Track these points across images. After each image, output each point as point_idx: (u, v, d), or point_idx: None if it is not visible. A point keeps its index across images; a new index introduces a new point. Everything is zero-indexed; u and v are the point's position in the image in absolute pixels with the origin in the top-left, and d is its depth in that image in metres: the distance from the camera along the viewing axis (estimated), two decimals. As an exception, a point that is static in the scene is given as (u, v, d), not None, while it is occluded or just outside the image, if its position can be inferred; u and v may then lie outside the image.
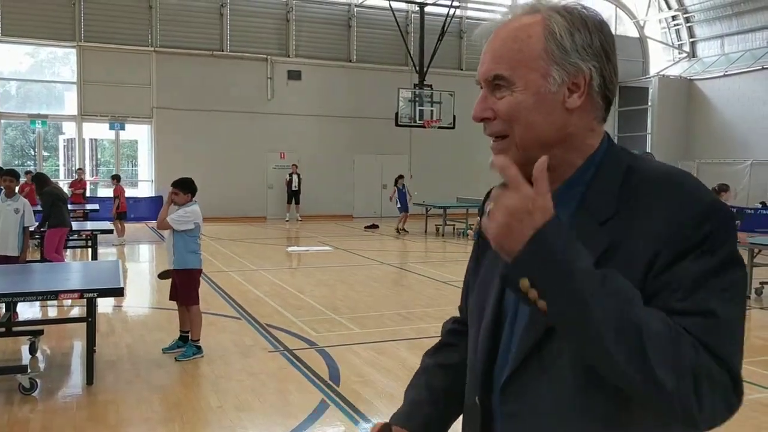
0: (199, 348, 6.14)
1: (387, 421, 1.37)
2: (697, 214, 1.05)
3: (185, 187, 6.18)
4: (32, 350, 6.02)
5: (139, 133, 21.93)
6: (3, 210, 7.34)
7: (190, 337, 6.18)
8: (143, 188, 21.99)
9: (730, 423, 1.04)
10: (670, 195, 1.08)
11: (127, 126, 20.85)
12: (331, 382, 5.48)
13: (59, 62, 21.48)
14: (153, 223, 19.52)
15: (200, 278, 6.38)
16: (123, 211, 15.78)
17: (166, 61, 20.67)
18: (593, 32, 1.14)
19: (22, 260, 7.45)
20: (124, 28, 20.28)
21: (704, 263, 1.03)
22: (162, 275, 6.67)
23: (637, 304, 0.99)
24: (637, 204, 1.10)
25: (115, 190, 15.95)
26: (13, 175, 7.62)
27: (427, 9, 20.81)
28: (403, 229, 17.89)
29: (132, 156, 24.29)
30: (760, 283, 9.67)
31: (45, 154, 21.81)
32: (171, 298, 6.36)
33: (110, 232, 11.14)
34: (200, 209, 6.24)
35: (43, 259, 9.30)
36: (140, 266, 12.36)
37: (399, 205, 18.07)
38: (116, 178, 16.39)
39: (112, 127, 20.59)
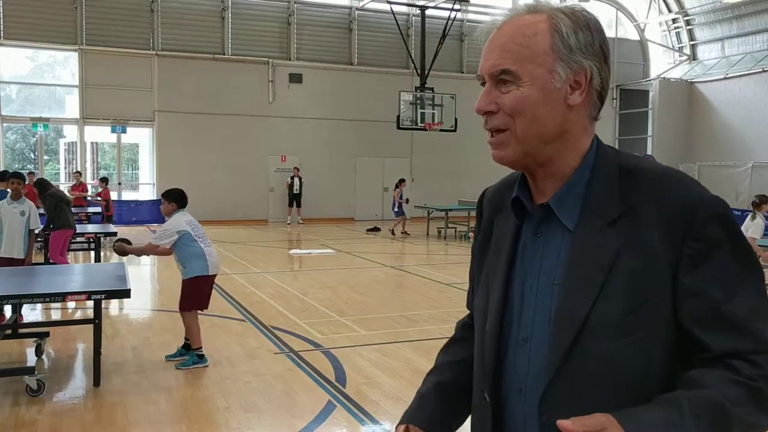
0: (201, 357, 5.91)
1: (401, 422, 1.37)
2: (703, 212, 1.12)
3: (166, 196, 6.06)
4: (38, 352, 6.00)
5: (140, 136, 21.94)
6: (9, 212, 7.34)
7: (191, 346, 6.01)
8: (144, 191, 22.00)
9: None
10: (671, 193, 1.14)
11: (128, 129, 20.86)
12: (337, 383, 5.49)
13: (59, 66, 21.49)
14: (155, 227, 19.55)
15: (206, 286, 6.05)
16: (110, 214, 15.80)
17: (168, 64, 20.70)
18: (594, 33, 1.17)
19: (28, 262, 7.46)
20: (125, 32, 20.30)
21: (718, 265, 1.11)
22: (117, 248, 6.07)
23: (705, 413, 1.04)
24: (641, 203, 1.14)
25: (103, 194, 15.94)
26: (20, 177, 7.63)
27: (428, 12, 20.82)
28: (404, 232, 17.93)
29: (132, 159, 24.27)
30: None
31: (45, 157, 21.80)
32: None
33: (114, 234, 11.13)
34: (191, 215, 6.04)
35: (47, 262, 9.31)
36: (141, 269, 12.34)
37: (397, 209, 18.20)
38: (104, 181, 16.39)
39: (113, 131, 20.59)
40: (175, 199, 6.02)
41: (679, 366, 1.14)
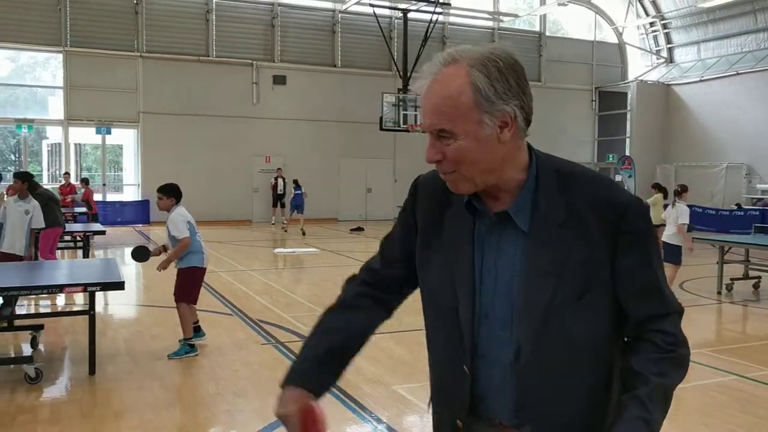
0: (192, 347, 6.20)
1: (293, 382, 1.53)
2: (632, 211, 1.42)
3: (165, 192, 6.29)
4: (33, 345, 6.23)
5: (124, 137, 22.06)
6: (14, 210, 7.62)
7: (183, 335, 6.27)
8: (129, 192, 22.11)
9: (702, 405, 1.47)
10: (604, 195, 1.42)
11: (113, 131, 20.97)
12: (322, 371, 5.74)
13: (40, 67, 21.53)
14: (140, 227, 19.69)
15: (200, 276, 6.40)
16: (95, 212, 16.00)
17: (153, 66, 20.86)
18: (509, 76, 1.36)
19: (28, 259, 7.70)
20: (110, 33, 20.44)
21: (643, 251, 1.43)
22: (137, 254, 6.46)
23: (654, 399, 1.37)
24: (581, 205, 1.41)
25: (84, 194, 16.10)
26: (21, 178, 7.89)
27: (410, 15, 21.17)
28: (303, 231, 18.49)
29: (115, 161, 24.32)
30: (731, 279, 10.05)
31: (28, 159, 21.82)
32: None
33: (103, 233, 11.33)
34: (186, 211, 6.35)
35: (36, 259, 9.47)
36: (128, 269, 12.54)
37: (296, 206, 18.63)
38: (85, 182, 16.55)
39: (98, 132, 20.70)
40: (174, 193, 6.29)
41: (617, 332, 1.47)
